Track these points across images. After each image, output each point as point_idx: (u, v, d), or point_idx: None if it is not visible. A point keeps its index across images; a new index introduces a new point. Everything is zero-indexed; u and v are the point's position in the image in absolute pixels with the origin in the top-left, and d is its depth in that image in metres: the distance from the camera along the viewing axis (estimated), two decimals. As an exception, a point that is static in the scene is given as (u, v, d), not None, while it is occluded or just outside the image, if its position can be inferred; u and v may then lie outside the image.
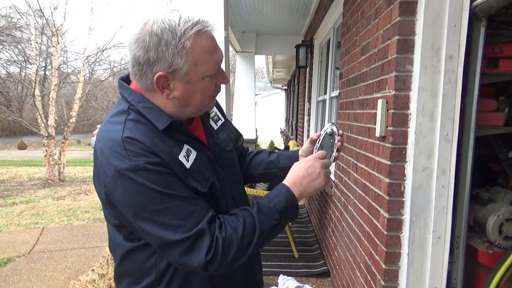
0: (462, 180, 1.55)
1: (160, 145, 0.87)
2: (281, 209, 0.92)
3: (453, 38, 1.44)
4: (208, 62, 0.87)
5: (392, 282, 1.61)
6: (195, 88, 0.89)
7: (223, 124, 1.14)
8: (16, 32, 13.40)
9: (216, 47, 0.89)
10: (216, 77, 0.91)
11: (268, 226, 0.90)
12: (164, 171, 0.84)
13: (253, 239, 0.88)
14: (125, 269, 0.99)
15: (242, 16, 6.06)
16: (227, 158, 1.08)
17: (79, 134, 20.20)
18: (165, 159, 0.85)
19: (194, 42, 0.84)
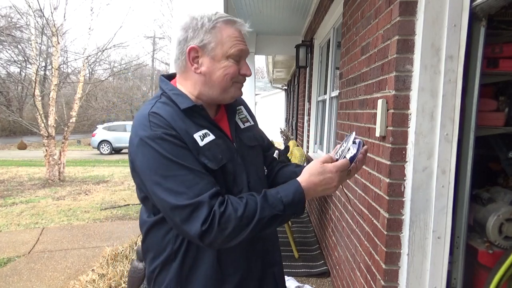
0: (462, 180, 1.55)
1: (179, 123, 1.00)
2: (286, 202, 0.96)
3: (453, 38, 1.44)
4: (232, 44, 1.02)
5: (392, 282, 1.61)
6: (219, 65, 1.03)
7: (251, 127, 1.23)
8: (16, 32, 13.41)
9: (241, 39, 1.05)
10: (240, 65, 1.06)
11: (268, 214, 0.95)
12: (179, 143, 0.97)
13: (251, 222, 0.93)
14: (148, 245, 1.11)
15: (242, 16, 6.06)
16: (249, 154, 1.16)
17: (79, 134, 20.20)
18: (181, 134, 0.98)
19: (223, 26, 1.03)
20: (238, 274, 1.09)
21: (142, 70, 26.49)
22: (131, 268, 2.79)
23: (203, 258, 1.05)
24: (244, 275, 1.10)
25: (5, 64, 13.53)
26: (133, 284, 2.74)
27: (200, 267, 1.05)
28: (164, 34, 25.77)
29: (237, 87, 1.08)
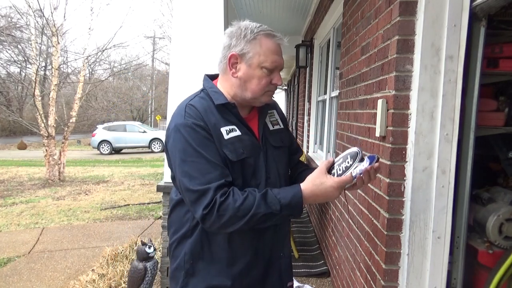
0: (462, 180, 1.55)
1: (210, 116, 1.14)
2: (283, 204, 1.06)
3: (453, 38, 1.44)
4: (268, 57, 1.14)
5: (392, 282, 1.61)
6: (254, 73, 1.15)
7: (280, 130, 1.34)
8: (16, 32, 13.40)
9: (278, 52, 1.16)
10: (272, 76, 1.17)
11: (263, 211, 1.05)
12: (204, 134, 1.10)
13: (246, 215, 1.04)
14: (172, 220, 1.28)
15: (242, 16, 6.05)
16: (274, 153, 1.26)
17: (79, 134, 20.20)
18: (209, 126, 1.12)
19: (262, 39, 1.14)
20: (245, 258, 1.19)
21: (142, 70, 26.47)
22: (131, 268, 2.79)
23: (215, 238, 1.17)
24: (251, 261, 1.20)
25: (5, 64, 13.54)
26: (133, 284, 2.75)
27: (211, 246, 1.18)
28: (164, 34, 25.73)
29: (267, 95, 1.20)
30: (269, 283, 1.26)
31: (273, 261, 1.26)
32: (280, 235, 1.27)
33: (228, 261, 1.18)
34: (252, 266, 1.21)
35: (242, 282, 1.20)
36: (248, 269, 1.20)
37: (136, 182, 8.57)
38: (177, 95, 2.91)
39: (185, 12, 2.94)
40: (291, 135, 1.41)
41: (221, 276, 1.18)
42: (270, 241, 1.24)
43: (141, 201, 6.61)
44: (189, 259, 1.19)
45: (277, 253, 1.27)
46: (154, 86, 29.03)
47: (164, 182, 2.95)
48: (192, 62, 2.90)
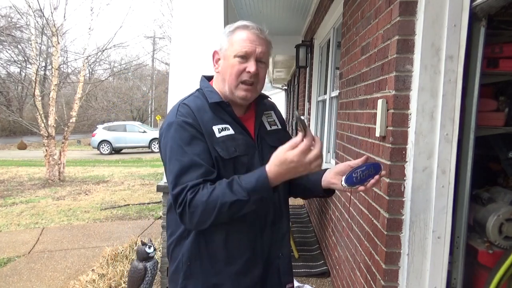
0: (462, 180, 1.55)
1: (203, 115, 1.15)
2: (249, 189, 1.03)
3: (453, 38, 1.44)
4: (240, 45, 1.14)
5: (392, 282, 1.61)
6: (228, 64, 1.16)
7: (278, 130, 1.33)
8: (16, 32, 13.41)
9: (251, 40, 1.15)
10: (247, 64, 1.15)
11: (230, 200, 1.03)
12: (193, 132, 1.12)
13: (215, 207, 1.03)
14: (168, 221, 1.27)
15: (242, 16, 6.05)
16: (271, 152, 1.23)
17: (79, 134, 20.20)
18: (201, 124, 1.13)
19: (237, 32, 1.17)
20: (243, 258, 1.18)
21: (142, 70, 26.46)
22: (131, 268, 2.79)
23: (212, 238, 1.17)
24: (249, 261, 1.19)
25: (5, 64, 13.54)
26: (133, 284, 2.75)
27: (208, 246, 1.18)
28: (164, 34, 25.73)
29: (242, 88, 1.17)
30: (269, 283, 1.24)
31: (272, 261, 1.25)
32: (278, 234, 1.26)
33: (226, 261, 1.18)
34: (250, 265, 1.20)
35: (241, 282, 1.19)
36: (247, 268, 1.19)
37: (136, 182, 8.57)
38: (177, 95, 2.90)
39: (185, 12, 2.94)
40: (289, 136, 1.40)
41: (219, 275, 1.18)
42: (268, 241, 1.23)
43: (141, 201, 6.62)
44: (187, 260, 1.19)
45: (276, 253, 1.26)
46: (154, 86, 29.03)
47: (164, 182, 2.96)
48: (192, 62, 2.90)
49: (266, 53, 1.19)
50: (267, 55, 1.20)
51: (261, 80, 1.20)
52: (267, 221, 1.23)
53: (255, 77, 1.17)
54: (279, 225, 1.26)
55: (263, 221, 1.22)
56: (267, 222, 1.23)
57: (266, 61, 1.21)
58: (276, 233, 1.26)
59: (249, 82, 1.16)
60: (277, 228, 1.26)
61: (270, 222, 1.23)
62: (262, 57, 1.17)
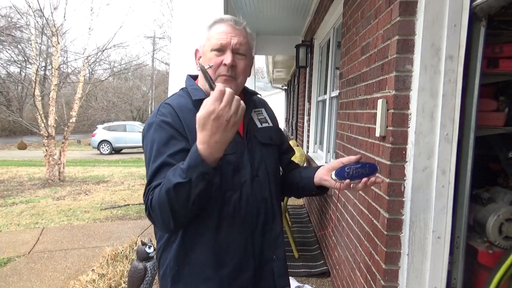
0: (462, 180, 1.55)
1: (186, 113, 1.11)
2: (184, 168, 0.92)
3: (453, 38, 1.44)
4: (216, 38, 1.12)
5: (392, 282, 1.61)
6: (206, 58, 1.14)
7: (269, 128, 1.30)
8: (16, 32, 13.41)
9: (226, 32, 1.13)
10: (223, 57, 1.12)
11: (172, 184, 0.92)
12: (171, 132, 1.07)
13: (165, 197, 0.95)
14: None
15: (242, 16, 6.03)
16: (262, 150, 1.23)
17: (79, 134, 20.19)
18: (183, 123, 1.09)
19: (213, 27, 1.16)
20: (233, 262, 1.14)
21: (142, 70, 26.45)
22: (131, 268, 2.79)
23: (200, 242, 1.12)
24: (240, 264, 1.15)
25: (5, 64, 13.54)
26: (133, 284, 2.75)
27: (196, 250, 1.12)
28: (164, 34, 25.73)
29: (221, 81, 1.12)
30: (262, 287, 1.21)
31: (265, 264, 1.21)
32: (270, 236, 1.22)
33: (215, 265, 1.12)
34: (241, 269, 1.15)
35: (232, 286, 1.15)
36: (237, 272, 1.15)
37: (136, 182, 8.56)
38: (177, 95, 2.91)
39: (185, 12, 2.94)
40: (282, 135, 1.38)
41: (208, 281, 1.13)
42: (259, 243, 1.19)
43: (141, 201, 6.59)
44: (175, 265, 1.14)
45: (269, 256, 1.21)
46: (154, 86, 29.01)
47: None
48: (192, 62, 2.89)
49: (244, 44, 1.15)
50: (245, 46, 1.15)
51: (241, 73, 1.15)
52: (258, 223, 1.18)
53: (232, 69, 1.12)
54: (271, 226, 1.22)
55: (254, 222, 1.17)
56: (258, 224, 1.18)
57: (246, 53, 1.15)
58: (269, 235, 1.21)
59: (227, 75, 1.12)
60: (269, 229, 1.21)
61: (262, 223, 1.19)
62: (239, 48, 1.13)
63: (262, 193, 1.19)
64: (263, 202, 1.19)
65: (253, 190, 1.16)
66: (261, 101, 1.36)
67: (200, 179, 0.92)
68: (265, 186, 1.20)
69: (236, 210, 1.13)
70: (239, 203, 1.13)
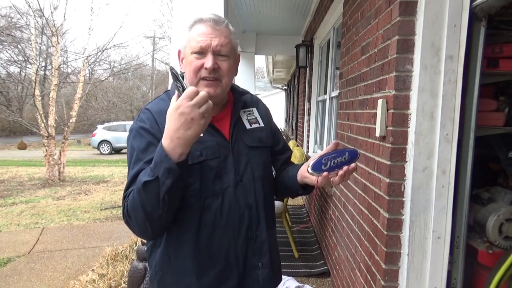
0: (462, 180, 1.55)
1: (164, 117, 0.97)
2: (152, 166, 0.93)
3: (453, 38, 1.44)
4: (195, 40, 1.08)
5: (392, 282, 1.61)
6: (187, 61, 1.10)
7: (259, 128, 1.24)
8: (16, 32, 13.41)
9: (206, 33, 1.08)
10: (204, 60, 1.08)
11: (141, 183, 0.93)
12: (149, 138, 1.05)
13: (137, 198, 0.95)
14: None
15: (242, 16, 6.06)
16: (248, 154, 1.17)
17: (79, 134, 20.20)
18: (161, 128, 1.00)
19: (193, 26, 1.11)
20: (215, 270, 1.11)
21: (142, 70, 26.46)
22: (131, 268, 2.79)
23: (181, 249, 1.10)
24: (222, 272, 1.11)
25: (5, 64, 13.54)
26: (133, 284, 2.74)
27: (178, 258, 1.10)
28: (164, 34, 25.72)
29: (203, 84, 1.08)
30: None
31: (250, 272, 1.16)
32: (255, 243, 1.16)
33: (197, 273, 1.10)
34: (223, 277, 1.12)
35: None
36: (219, 281, 1.11)
37: (136, 182, 8.55)
38: (177, 95, 2.91)
39: (185, 12, 2.94)
40: (276, 135, 1.32)
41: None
42: (243, 250, 1.14)
43: (141, 201, 6.60)
44: (159, 270, 1.13)
45: (254, 263, 1.16)
46: (154, 86, 29.00)
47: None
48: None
49: (226, 44, 1.09)
50: (227, 47, 1.09)
51: (225, 74, 1.10)
52: (241, 229, 1.13)
53: (214, 72, 1.07)
54: (256, 233, 1.16)
55: (237, 229, 1.12)
56: (241, 230, 1.13)
57: (228, 53, 1.10)
58: (253, 242, 1.16)
59: (209, 78, 1.08)
60: (254, 236, 1.16)
61: (245, 230, 1.13)
62: (220, 50, 1.08)
63: (247, 199, 1.14)
64: (246, 208, 1.14)
65: (236, 196, 1.11)
66: (253, 101, 1.29)
67: (166, 176, 0.91)
68: (250, 191, 1.15)
69: (217, 217, 1.09)
70: (220, 209, 1.09)
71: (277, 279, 1.28)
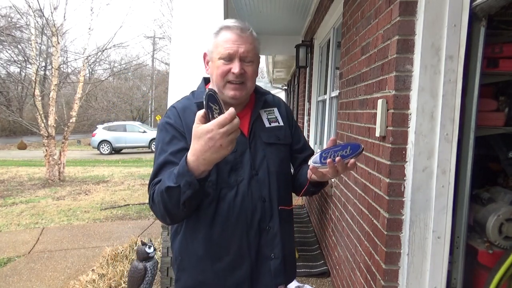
0: (462, 180, 1.55)
1: (188, 115, 1.18)
2: (176, 174, 1.01)
3: (453, 38, 1.44)
4: (222, 46, 1.17)
5: (392, 282, 1.61)
6: (214, 65, 1.20)
7: (278, 127, 1.31)
8: (16, 32, 13.41)
9: (234, 41, 1.16)
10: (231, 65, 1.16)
11: (164, 187, 1.02)
12: (173, 133, 1.17)
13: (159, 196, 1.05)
14: None
15: (242, 16, 6.05)
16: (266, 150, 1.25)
17: (79, 134, 20.20)
18: (184, 123, 1.18)
19: (221, 33, 1.19)
20: (228, 257, 1.19)
21: (142, 70, 26.44)
22: (131, 268, 2.79)
23: (197, 237, 1.20)
24: (234, 261, 1.19)
25: (5, 64, 13.54)
26: (133, 284, 2.75)
27: (194, 244, 1.21)
28: (164, 34, 25.73)
29: (230, 87, 1.18)
30: (260, 284, 1.23)
31: (263, 262, 1.23)
32: (268, 235, 1.23)
33: (211, 258, 1.20)
34: (236, 265, 1.19)
35: (227, 280, 1.20)
36: (232, 268, 1.19)
37: (136, 182, 8.56)
38: (177, 95, 2.90)
39: (185, 12, 2.94)
40: (297, 134, 1.39)
41: (205, 273, 1.20)
42: (256, 241, 1.21)
43: (141, 201, 6.61)
44: (178, 255, 1.25)
45: (267, 254, 1.23)
46: (154, 86, 29.00)
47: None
48: (192, 62, 2.90)
49: (251, 51, 1.18)
50: (252, 53, 1.19)
51: (250, 78, 1.20)
52: (254, 221, 1.20)
53: (241, 76, 1.17)
54: (269, 224, 1.23)
55: (249, 220, 1.19)
56: (254, 222, 1.20)
57: (253, 59, 1.20)
58: (266, 234, 1.22)
59: (235, 81, 1.17)
60: (267, 228, 1.22)
61: (258, 221, 1.20)
62: (247, 56, 1.17)
63: (260, 192, 1.21)
64: (260, 200, 1.21)
65: (250, 189, 1.19)
66: (275, 101, 1.38)
67: (187, 187, 0.98)
68: (264, 185, 1.22)
69: (231, 208, 1.17)
70: (234, 200, 1.17)
71: (291, 273, 1.34)
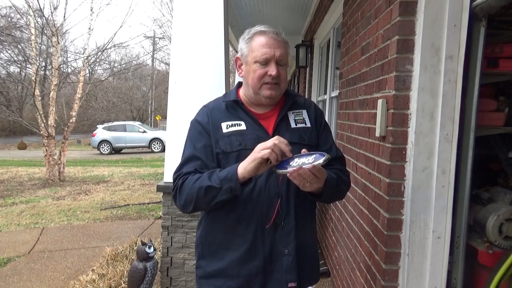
0: (462, 180, 1.55)
1: (216, 114, 1.32)
2: (221, 177, 1.16)
3: (453, 38, 1.44)
4: (258, 51, 1.24)
5: (392, 282, 1.61)
6: (249, 69, 1.27)
7: (305, 128, 1.35)
8: (16, 32, 13.42)
9: (270, 45, 1.24)
10: (267, 68, 1.24)
11: (205, 184, 1.16)
12: (199, 129, 1.30)
13: (195, 192, 1.17)
14: None
15: (242, 16, 6.06)
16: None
17: (79, 134, 20.21)
18: (210, 121, 1.29)
19: (255, 37, 1.27)
20: (242, 248, 1.26)
21: (142, 70, 26.46)
22: (131, 268, 2.79)
23: (214, 227, 1.32)
24: (248, 252, 1.26)
25: (5, 64, 13.56)
26: (133, 284, 2.75)
27: (212, 234, 1.33)
28: (164, 34, 25.65)
29: (266, 88, 1.26)
30: (273, 279, 1.27)
31: (276, 257, 1.27)
32: (283, 231, 1.27)
33: (227, 248, 1.28)
34: (249, 256, 1.26)
35: (242, 268, 1.26)
36: (246, 258, 1.26)
37: (136, 182, 8.57)
38: (177, 95, 2.91)
39: (185, 12, 2.94)
40: (324, 137, 1.40)
41: (222, 261, 1.29)
42: (270, 236, 1.26)
43: (141, 201, 6.62)
44: (200, 243, 1.37)
45: (281, 250, 1.27)
46: (154, 86, 29.00)
47: (164, 182, 2.95)
48: (192, 62, 2.90)
49: (285, 54, 1.27)
50: (285, 56, 1.28)
51: (283, 80, 1.28)
52: (269, 216, 1.25)
53: (277, 78, 1.25)
54: (284, 221, 1.27)
55: (264, 214, 1.25)
56: (269, 217, 1.25)
57: (286, 62, 1.29)
58: (280, 230, 1.27)
59: (272, 82, 1.25)
60: (282, 224, 1.27)
61: (273, 217, 1.25)
62: (282, 59, 1.25)
63: (279, 188, 1.26)
64: (276, 197, 1.25)
65: (267, 184, 1.25)
66: (305, 103, 1.42)
67: (228, 191, 1.14)
68: (283, 182, 1.26)
69: (247, 201, 1.24)
70: (250, 194, 1.24)
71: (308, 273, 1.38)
